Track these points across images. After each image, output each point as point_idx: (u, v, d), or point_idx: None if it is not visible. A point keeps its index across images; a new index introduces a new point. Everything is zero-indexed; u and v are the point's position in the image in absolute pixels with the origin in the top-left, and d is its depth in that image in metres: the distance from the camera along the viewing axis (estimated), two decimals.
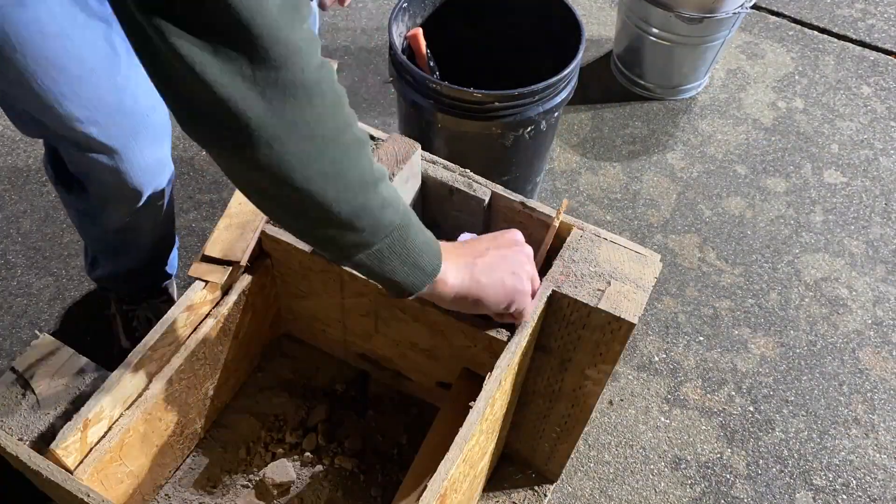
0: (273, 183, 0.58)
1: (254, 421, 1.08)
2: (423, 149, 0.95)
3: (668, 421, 1.44)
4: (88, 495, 0.73)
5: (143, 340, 0.83)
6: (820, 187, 1.85)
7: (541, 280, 0.86)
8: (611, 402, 1.46)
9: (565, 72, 1.35)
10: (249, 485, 1.03)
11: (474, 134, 1.39)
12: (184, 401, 0.94)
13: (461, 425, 0.76)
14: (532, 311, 0.83)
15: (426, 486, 0.73)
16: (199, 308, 0.89)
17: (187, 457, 1.04)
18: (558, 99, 1.38)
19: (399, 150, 0.92)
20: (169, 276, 1.44)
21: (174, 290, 1.49)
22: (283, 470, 1.02)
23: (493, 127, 1.36)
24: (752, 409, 1.47)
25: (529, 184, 1.62)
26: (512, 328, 0.84)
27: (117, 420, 0.83)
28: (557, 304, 0.86)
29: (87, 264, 1.38)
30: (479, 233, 0.95)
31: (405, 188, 0.95)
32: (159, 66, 0.52)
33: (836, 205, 1.82)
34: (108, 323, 1.46)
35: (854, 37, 2.22)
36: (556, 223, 0.89)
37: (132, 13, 0.49)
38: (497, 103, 1.32)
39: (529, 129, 1.39)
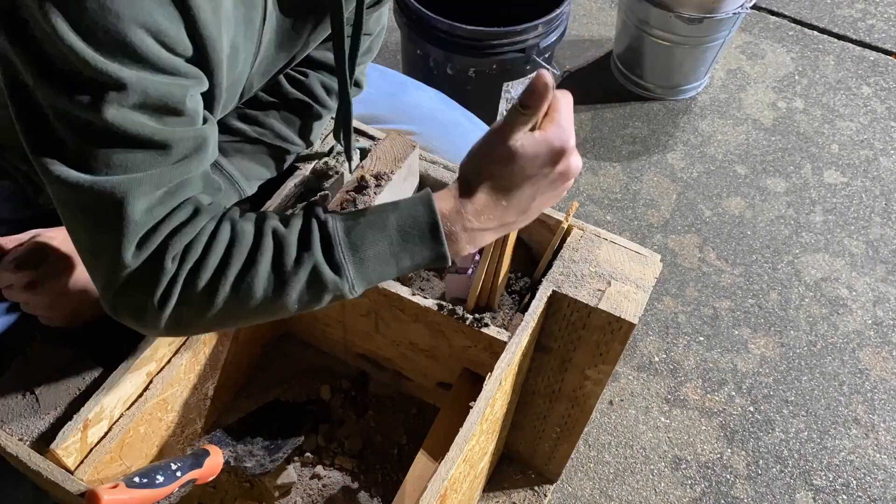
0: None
1: None
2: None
3: (668, 421, 1.44)
4: None
5: (143, 341, 0.83)
6: (820, 187, 1.85)
7: (541, 281, 0.86)
8: (611, 402, 1.46)
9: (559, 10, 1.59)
10: (250, 485, 1.02)
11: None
12: (184, 401, 0.94)
13: (461, 425, 0.76)
14: (532, 311, 0.83)
15: (426, 486, 0.73)
16: None
17: None
18: (553, 37, 1.63)
19: (396, 149, 0.93)
20: None
21: None
22: (283, 470, 1.02)
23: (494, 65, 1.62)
24: (752, 409, 1.47)
25: None
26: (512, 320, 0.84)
27: (117, 420, 0.83)
28: (557, 304, 0.86)
29: None
30: None
31: (403, 186, 0.95)
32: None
33: (836, 205, 1.82)
34: None
35: (854, 37, 2.22)
36: (565, 225, 0.89)
37: None
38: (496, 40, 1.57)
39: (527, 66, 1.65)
